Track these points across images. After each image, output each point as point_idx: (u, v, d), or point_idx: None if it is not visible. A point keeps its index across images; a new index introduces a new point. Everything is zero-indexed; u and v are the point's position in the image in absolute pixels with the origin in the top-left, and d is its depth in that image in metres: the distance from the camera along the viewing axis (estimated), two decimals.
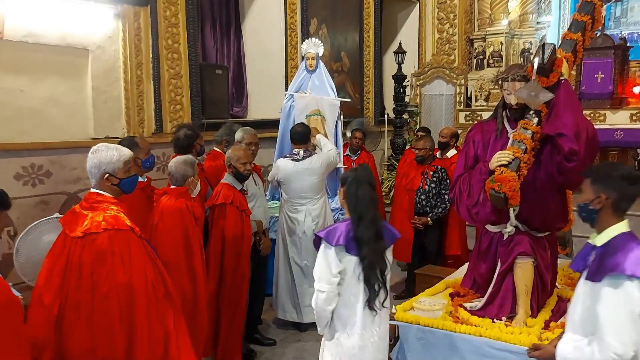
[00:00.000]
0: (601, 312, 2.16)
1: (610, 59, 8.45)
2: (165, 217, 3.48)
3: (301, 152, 4.98)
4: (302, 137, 5.04)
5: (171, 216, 3.46)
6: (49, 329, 2.70)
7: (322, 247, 2.88)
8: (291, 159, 4.99)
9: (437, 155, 6.03)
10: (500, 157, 2.94)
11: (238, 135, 4.80)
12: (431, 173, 5.60)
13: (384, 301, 2.89)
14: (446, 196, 5.52)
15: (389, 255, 2.98)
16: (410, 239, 5.64)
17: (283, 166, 4.99)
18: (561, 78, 3.03)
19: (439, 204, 5.58)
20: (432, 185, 5.57)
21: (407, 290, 5.71)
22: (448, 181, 5.56)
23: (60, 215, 3.71)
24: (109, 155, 2.86)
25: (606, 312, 2.15)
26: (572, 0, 11.19)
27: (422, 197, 5.59)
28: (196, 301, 3.53)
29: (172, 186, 3.72)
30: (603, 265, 2.17)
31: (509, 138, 3.11)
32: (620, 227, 2.25)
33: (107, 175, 2.85)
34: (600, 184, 2.26)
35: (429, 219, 5.54)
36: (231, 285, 4.09)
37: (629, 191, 2.23)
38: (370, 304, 2.84)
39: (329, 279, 2.82)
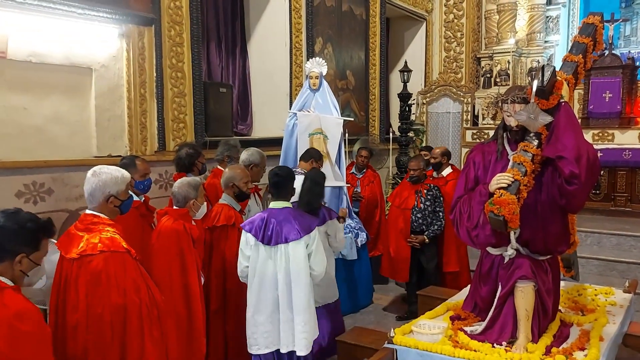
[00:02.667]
0: None
1: (619, 78, 8.41)
2: (162, 237, 3.47)
3: (301, 169, 5.06)
4: (309, 155, 5.22)
5: (167, 237, 3.45)
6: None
7: None
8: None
9: (434, 175, 6.07)
10: (499, 180, 2.90)
11: (255, 157, 4.80)
12: (425, 191, 5.58)
13: None
14: (441, 213, 5.53)
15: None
16: (406, 258, 5.58)
17: None
18: (561, 100, 2.99)
19: (434, 221, 5.55)
20: (427, 203, 5.55)
21: (409, 311, 5.63)
22: (442, 199, 5.57)
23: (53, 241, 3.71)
24: (114, 177, 2.88)
25: None
26: (581, 20, 11.20)
27: (418, 215, 5.55)
28: (192, 322, 3.50)
29: (174, 207, 3.71)
30: None
31: (509, 160, 3.07)
32: (276, 204, 3.68)
33: (111, 197, 2.86)
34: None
35: (425, 237, 5.49)
36: (235, 306, 4.05)
37: (274, 181, 3.69)
38: None
39: None
